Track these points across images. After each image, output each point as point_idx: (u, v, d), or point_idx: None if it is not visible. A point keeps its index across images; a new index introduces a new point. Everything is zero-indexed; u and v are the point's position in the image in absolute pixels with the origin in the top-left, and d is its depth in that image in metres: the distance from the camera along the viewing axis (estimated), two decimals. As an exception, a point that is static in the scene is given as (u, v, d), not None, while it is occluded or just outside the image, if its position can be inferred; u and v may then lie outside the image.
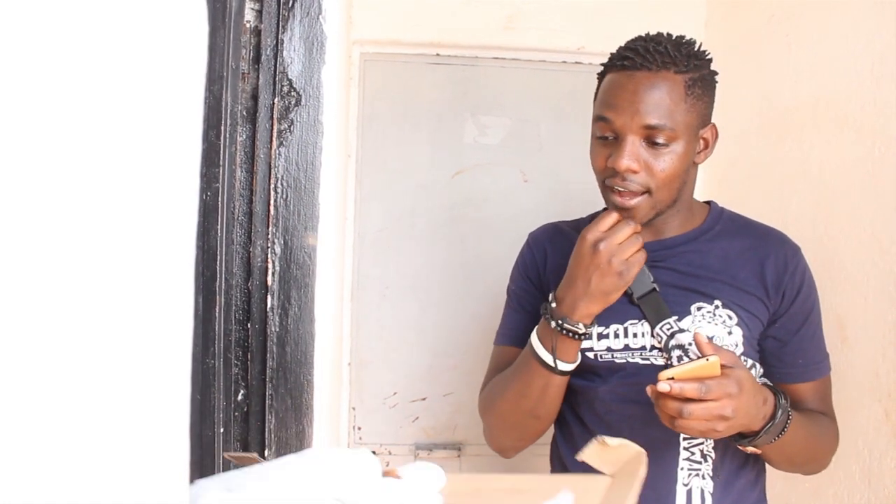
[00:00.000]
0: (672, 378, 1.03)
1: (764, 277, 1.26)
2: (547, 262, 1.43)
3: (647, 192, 1.20)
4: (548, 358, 1.22)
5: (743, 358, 1.23)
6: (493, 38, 2.40)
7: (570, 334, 1.20)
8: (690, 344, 1.21)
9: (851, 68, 1.57)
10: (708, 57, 1.26)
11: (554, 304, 1.22)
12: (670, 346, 1.24)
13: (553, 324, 1.21)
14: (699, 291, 1.26)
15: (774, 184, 1.82)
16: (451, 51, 2.44)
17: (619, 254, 1.17)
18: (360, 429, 2.47)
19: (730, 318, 1.24)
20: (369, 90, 2.43)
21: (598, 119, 1.23)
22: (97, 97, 0.84)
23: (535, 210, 2.53)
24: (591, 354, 1.29)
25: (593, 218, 1.39)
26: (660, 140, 1.17)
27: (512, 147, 2.50)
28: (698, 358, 1.06)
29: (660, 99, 1.17)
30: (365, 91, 2.42)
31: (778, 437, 1.14)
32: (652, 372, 1.19)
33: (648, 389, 1.07)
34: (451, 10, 2.36)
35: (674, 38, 1.24)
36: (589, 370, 1.30)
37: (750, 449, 1.18)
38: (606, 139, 1.23)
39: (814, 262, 1.52)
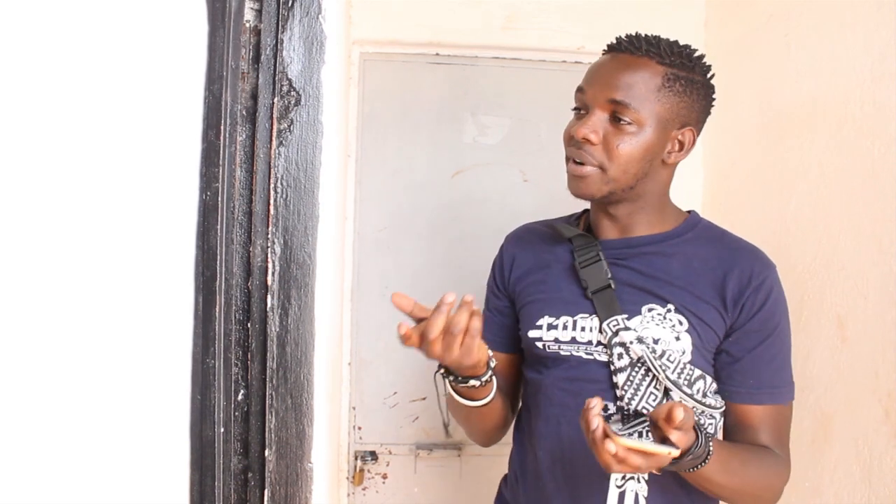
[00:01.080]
0: (628, 448, 0.99)
1: (724, 288, 1.24)
2: (513, 265, 1.45)
3: (601, 167, 1.22)
4: (459, 398, 1.24)
5: (690, 367, 1.23)
6: (493, 37, 2.40)
7: (468, 385, 1.20)
8: (632, 343, 1.22)
9: (850, 68, 1.57)
10: (703, 63, 1.28)
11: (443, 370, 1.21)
12: (613, 342, 1.24)
13: (450, 380, 1.21)
14: (654, 293, 1.26)
15: (774, 183, 1.81)
16: (451, 50, 2.44)
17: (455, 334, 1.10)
18: (360, 428, 2.47)
19: (680, 323, 1.24)
20: (369, 90, 2.43)
21: (576, 91, 1.28)
22: (98, 98, 0.84)
23: (535, 210, 2.53)
24: (539, 345, 1.31)
25: (570, 219, 1.46)
26: (624, 118, 1.20)
27: (512, 147, 2.50)
28: (661, 442, 1.02)
29: (633, 80, 1.21)
30: (364, 91, 2.42)
31: (697, 468, 1.10)
32: (594, 368, 1.27)
33: (590, 427, 1.02)
34: (451, 10, 2.36)
35: (673, 40, 1.26)
36: (537, 360, 1.34)
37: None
38: (579, 111, 1.27)
39: (813, 261, 1.51)
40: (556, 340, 1.30)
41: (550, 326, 1.31)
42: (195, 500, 0.95)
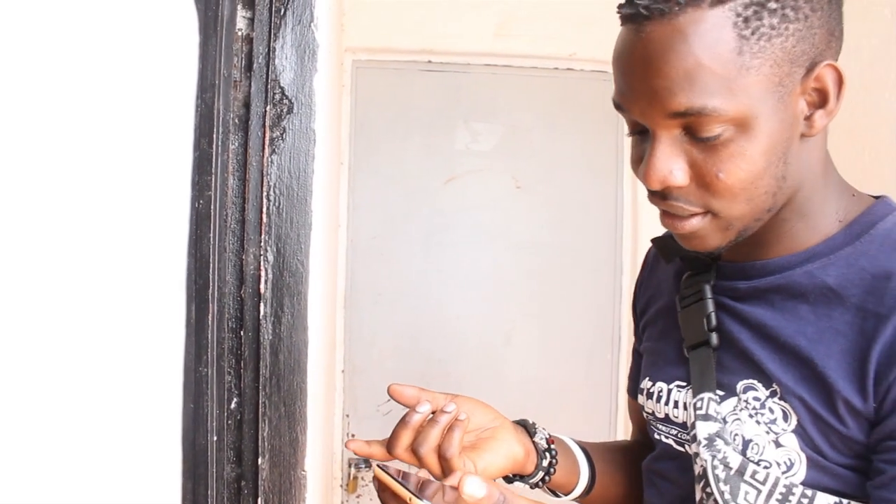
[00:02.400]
0: None
1: (868, 353, 0.71)
2: (641, 289, 1.05)
3: (709, 211, 0.75)
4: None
5: (805, 494, 0.74)
6: (485, 45, 2.41)
7: (520, 483, 0.93)
8: (703, 443, 0.80)
9: (841, 74, 1.58)
10: None
11: None
12: (691, 435, 0.83)
13: None
14: (757, 363, 0.78)
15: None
16: (443, 58, 2.45)
17: None
18: (353, 436, 2.47)
19: (784, 417, 0.76)
20: (361, 97, 2.43)
21: (616, 108, 0.79)
22: (90, 106, 0.84)
23: (528, 216, 2.54)
24: (644, 414, 0.96)
25: None
26: (707, 132, 0.71)
27: (504, 153, 2.51)
28: None
29: (691, 62, 0.69)
30: (357, 98, 2.43)
31: None
32: (682, 464, 0.86)
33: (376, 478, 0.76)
34: (443, 18, 2.37)
35: None
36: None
37: None
38: (637, 134, 0.79)
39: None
40: (653, 415, 0.91)
41: (648, 394, 0.92)
42: (188, 509, 0.94)
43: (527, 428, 0.95)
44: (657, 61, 0.70)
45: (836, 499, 0.73)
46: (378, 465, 0.78)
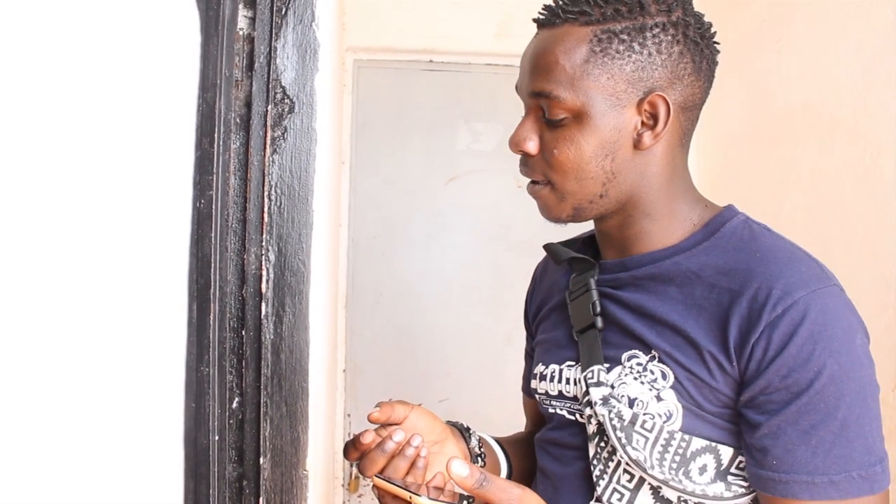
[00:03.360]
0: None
1: (727, 323, 0.87)
2: (532, 296, 1.24)
3: (549, 182, 0.97)
4: None
5: (683, 438, 0.89)
6: (486, 44, 2.41)
7: None
8: (597, 403, 0.94)
9: (842, 73, 1.58)
10: (653, 3, 0.91)
11: None
12: (584, 401, 0.97)
13: None
14: (638, 336, 0.94)
15: (766, 189, 1.82)
16: (444, 57, 2.45)
17: None
18: (351, 435, 2.47)
19: (663, 376, 0.91)
20: (363, 97, 2.43)
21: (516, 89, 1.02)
22: (91, 106, 0.84)
23: (528, 217, 2.53)
24: (537, 396, 1.10)
25: (584, 240, 1.15)
26: (553, 115, 0.92)
27: (505, 153, 2.50)
28: (461, 500, 0.84)
29: (550, 59, 0.92)
30: (358, 98, 2.43)
31: None
32: (576, 431, 1.00)
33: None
34: (444, 17, 2.37)
35: None
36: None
37: None
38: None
39: (806, 266, 1.52)
40: (547, 394, 1.07)
41: (542, 377, 1.08)
42: (190, 508, 0.94)
43: (462, 433, 1.09)
44: (535, 55, 0.95)
45: (707, 442, 0.89)
46: (377, 476, 0.88)
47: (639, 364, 0.93)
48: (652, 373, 0.92)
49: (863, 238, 1.49)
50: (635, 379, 0.93)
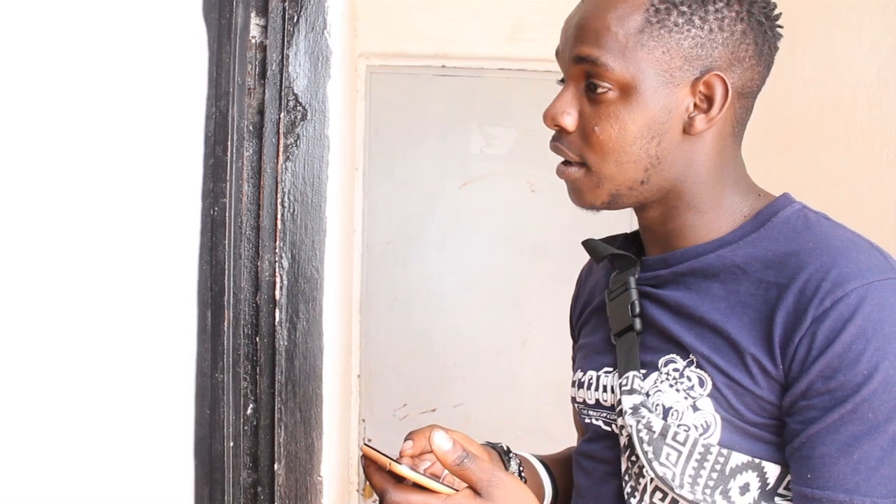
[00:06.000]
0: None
1: (772, 320, 0.77)
2: (577, 300, 1.14)
3: (584, 163, 0.86)
4: None
5: (721, 453, 0.80)
6: (498, 49, 2.41)
7: None
8: (627, 413, 0.86)
9: (857, 73, 1.57)
10: None
11: None
12: (618, 411, 0.89)
13: None
14: (677, 339, 0.85)
15: (781, 189, 1.81)
16: (457, 62, 2.45)
17: None
18: (370, 440, 2.47)
19: (700, 383, 0.82)
20: (375, 102, 2.44)
21: (556, 55, 0.92)
22: (106, 114, 0.84)
23: (543, 220, 2.54)
24: (575, 406, 1.02)
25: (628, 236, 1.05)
26: (597, 84, 0.82)
27: (519, 157, 2.50)
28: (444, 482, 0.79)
29: (601, 24, 0.82)
30: (371, 103, 2.43)
31: None
32: (610, 443, 0.92)
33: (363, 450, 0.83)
34: (456, 22, 2.38)
35: None
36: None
37: None
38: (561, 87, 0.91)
39: (823, 268, 1.51)
40: (584, 403, 0.98)
41: (580, 384, 0.99)
42: (205, 515, 0.95)
43: (501, 455, 1.01)
44: (582, 18, 0.84)
45: (749, 458, 0.79)
46: (365, 444, 0.84)
47: (675, 370, 0.84)
48: (689, 379, 0.82)
49: (879, 238, 1.47)
50: (671, 386, 0.83)
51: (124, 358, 0.86)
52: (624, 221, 2.47)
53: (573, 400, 1.01)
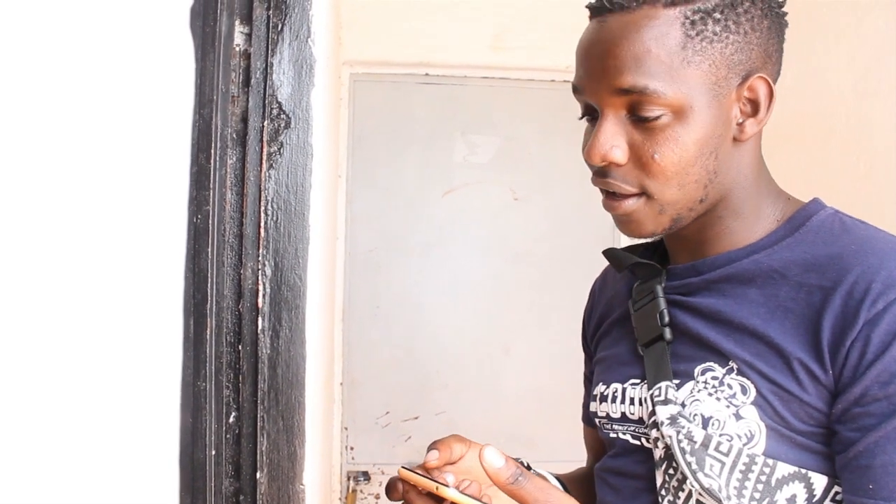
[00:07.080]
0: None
1: (819, 324, 0.75)
2: (592, 313, 1.11)
3: (644, 192, 0.83)
4: None
5: (766, 463, 0.77)
6: (482, 57, 2.42)
7: None
8: (663, 423, 0.82)
9: (835, 84, 1.59)
10: None
11: None
12: (651, 422, 0.86)
13: None
14: (713, 346, 0.82)
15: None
16: (440, 70, 2.46)
17: None
18: (352, 449, 2.46)
19: (743, 391, 0.79)
20: (359, 110, 2.44)
21: (574, 91, 0.89)
22: (88, 122, 0.84)
23: (526, 228, 2.55)
24: (597, 422, 0.99)
25: (648, 244, 1.04)
26: (647, 112, 0.79)
27: (502, 165, 2.51)
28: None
29: (639, 49, 0.78)
30: (355, 111, 2.44)
31: None
32: (639, 457, 0.90)
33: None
34: (440, 31, 2.38)
35: None
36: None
37: None
38: (589, 120, 0.89)
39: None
40: (608, 417, 0.95)
41: (602, 398, 0.96)
42: (187, 524, 0.94)
43: None
44: (612, 45, 0.79)
45: (796, 468, 0.76)
46: (403, 468, 0.82)
47: (714, 378, 0.81)
48: (730, 387, 0.79)
49: (857, 248, 1.50)
50: (710, 395, 0.80)
51: (111, 367, 0.86)
52: (606, 228, 2.49)
53: (594, 415, 0.98)
